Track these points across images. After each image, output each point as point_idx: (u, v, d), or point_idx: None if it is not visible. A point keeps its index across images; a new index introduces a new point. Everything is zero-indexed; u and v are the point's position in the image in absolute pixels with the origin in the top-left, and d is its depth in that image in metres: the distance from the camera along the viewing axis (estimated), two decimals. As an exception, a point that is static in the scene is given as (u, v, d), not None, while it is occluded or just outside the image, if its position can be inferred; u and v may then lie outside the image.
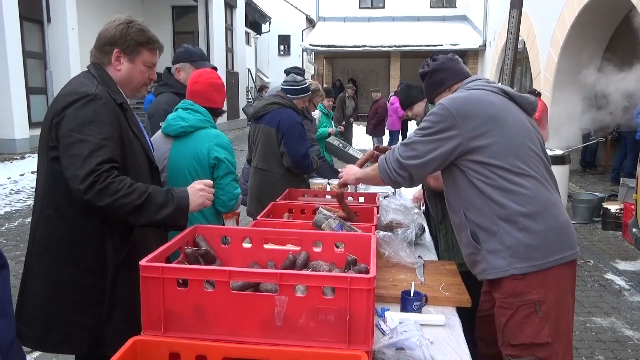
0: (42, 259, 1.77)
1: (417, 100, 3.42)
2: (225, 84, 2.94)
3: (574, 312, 2.00)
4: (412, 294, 1.86)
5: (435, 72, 2.18)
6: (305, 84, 3.84)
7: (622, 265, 5.42)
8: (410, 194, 3.64)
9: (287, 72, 5.91)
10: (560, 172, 6.74)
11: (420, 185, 3.09)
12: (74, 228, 1.74)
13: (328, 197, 3.13)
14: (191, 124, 2.43)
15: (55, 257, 1.75)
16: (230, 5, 19.94)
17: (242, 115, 18.76)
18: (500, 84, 2.14)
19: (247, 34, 23.71)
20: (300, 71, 6.12)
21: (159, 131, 2.55)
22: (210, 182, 1.92)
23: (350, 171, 2.47)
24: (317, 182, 3.72)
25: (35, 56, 12.02)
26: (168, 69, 3.16)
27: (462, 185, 1.95)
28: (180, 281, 1.39)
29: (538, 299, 1.85)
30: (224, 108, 2.62)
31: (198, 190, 1.85)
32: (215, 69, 2.90)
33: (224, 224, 2.65)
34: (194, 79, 2.53)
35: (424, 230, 2.81)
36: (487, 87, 2.04)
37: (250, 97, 22.85)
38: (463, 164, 1.93)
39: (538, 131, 2.04)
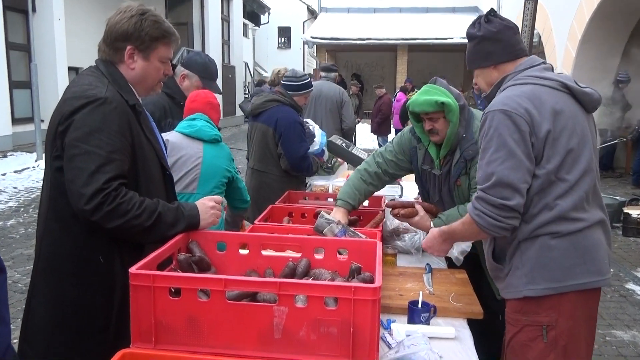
0: (47, 276, 1.74)
1: None
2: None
3: (592, 347, 1.89)
4: (420, 305, 1.86)
5: (485, 40, 1.93)
6: (307, 79, 3.84)
7: (644, 274, 5.41)
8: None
9: (325, 68, 6.22)
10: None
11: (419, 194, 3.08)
12: (80, 244, 1.70)
13: (330, 199, 3.13)
14: (219, 135, 2.91)
15: (60, 275, 1.72)
16: (226, -5, 20.01)
17: (239, 112, 18.79)
18: (562, 72, 1.93)
19: (244, 25, 23.74)
20: (334, 67, 6.29)
21: (174, 133, 2.80)
22: (220, 198, 1.91)
23: (433, 240, 2.12)
24: (318, 183, 3.72)
25: (19, 48, 12.05)
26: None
27: None
28: (173, 290, 1.39)
29: (547, 322, 1.78)
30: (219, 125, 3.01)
31: (209, 208, 1.82)
32: (220, 93, 3.18)
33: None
34: (192, 98, 2.93)
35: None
36: (546, 81, 1.83)
37: (247, 92, 22.88)
38: None
39: (595, 133, 1.91)
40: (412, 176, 2.88)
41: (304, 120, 4.37)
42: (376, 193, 3.64)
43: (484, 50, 1.95)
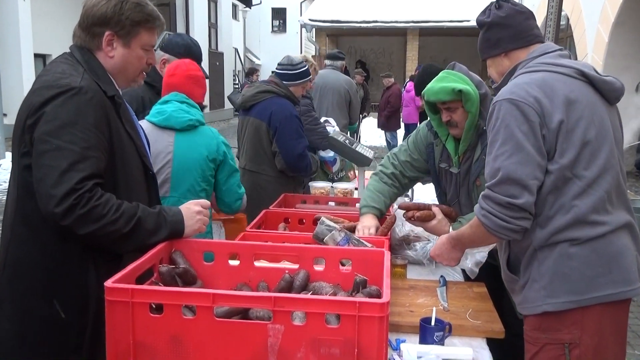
0: (12, 288, 1.73)
1: None
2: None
3: None
4: (433, 322, 1.86)
5: (494, 26, 2.01)
6: (305, 67, 3.85)
7: (686, 287, 5.39)
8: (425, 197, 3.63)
9: (331, 56, 6.26)
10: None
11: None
12: (50, 252, 1.70)
13: (332, 203, 3.13)
14: (197, 118, 2.69)
15: (28, 287, 1.71)
16: (214, -28, 20.05)
17: (228, 105, 18.82)
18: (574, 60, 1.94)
19: (234, 6, 23.79)
20: (341, 54, 6.29)
21: (144, 122, 2.65)
22: (207, 202, 1.92)
23: (442, 246, 2.19)
24: (318, 185, 3.72)
25: (-21, 33, 12.06)
26: None
27: None
28: (154, 306, 1.39)
29: (569, 340, 1.79)
30: (205, 102, 2.86)
31: (195, 214, 1.83)
32: (207, 77, 3.05)
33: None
34: (171, 71, 2.74)
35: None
36: (560, 68, 1.86)
37: (237, 82, 22.91)
38: None
39: (620, 128, 1.94)
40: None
41: (325, 119, 4.36)
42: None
43: (494, 38, 2.01)
